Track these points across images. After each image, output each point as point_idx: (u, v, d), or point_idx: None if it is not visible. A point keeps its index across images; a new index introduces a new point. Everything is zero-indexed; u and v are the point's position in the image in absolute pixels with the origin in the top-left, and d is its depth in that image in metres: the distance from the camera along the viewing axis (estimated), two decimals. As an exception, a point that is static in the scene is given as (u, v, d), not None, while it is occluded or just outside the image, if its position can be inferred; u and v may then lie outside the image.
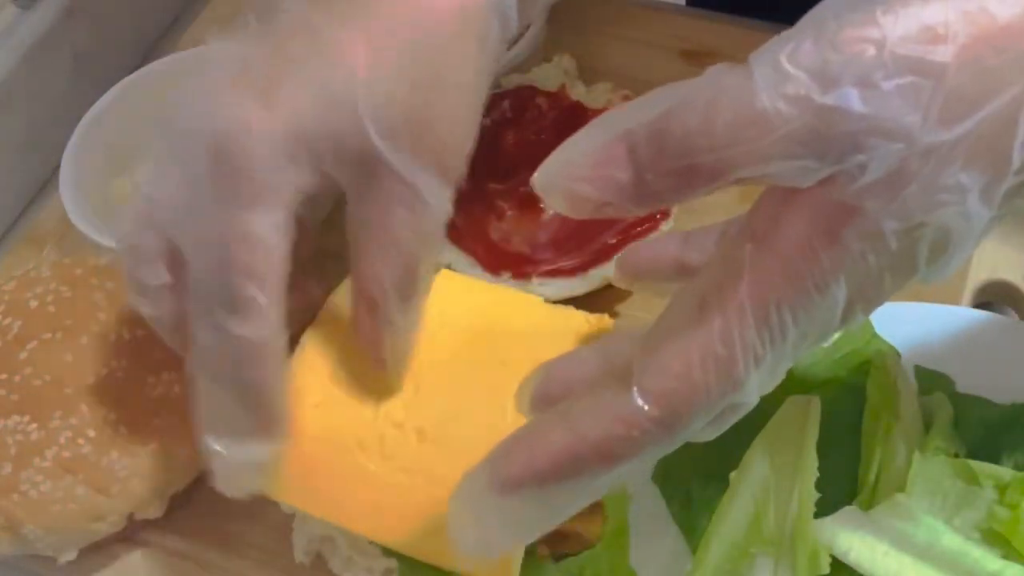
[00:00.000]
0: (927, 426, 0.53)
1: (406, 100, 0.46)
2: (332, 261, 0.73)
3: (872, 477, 0.52)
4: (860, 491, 0.53)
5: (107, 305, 0.63)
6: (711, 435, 0.39)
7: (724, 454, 0.54)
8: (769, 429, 0.53)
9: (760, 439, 0.52)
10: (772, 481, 0.51)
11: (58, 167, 0.75)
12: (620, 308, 0.67)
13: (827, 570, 0.49)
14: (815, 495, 0.50)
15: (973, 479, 0.51)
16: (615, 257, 0.54)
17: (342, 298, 0.58)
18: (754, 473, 0.52)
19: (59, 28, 0.83)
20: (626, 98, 0.71)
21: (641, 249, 0.51)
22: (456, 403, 0.53)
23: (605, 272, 0.65)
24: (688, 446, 0.38)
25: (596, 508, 0.53)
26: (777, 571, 0.50)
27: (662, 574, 0.55)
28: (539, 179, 0.35)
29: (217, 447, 0.47)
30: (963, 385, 0.56)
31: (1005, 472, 0.51)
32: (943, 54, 0.32)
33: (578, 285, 0.66)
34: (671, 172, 0.33)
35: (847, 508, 0.51)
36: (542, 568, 0.53)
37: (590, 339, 0.55)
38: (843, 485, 0.54)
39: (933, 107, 0.32)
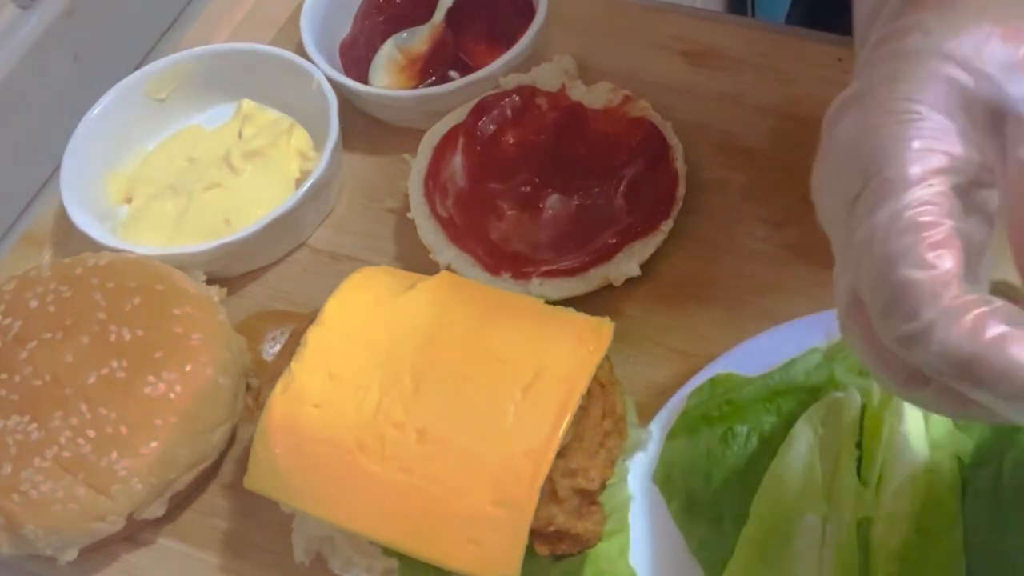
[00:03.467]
0: (929, 425, 0.53)
1: None
2: (332, 261, 0.74)
3: (874, 477, 0.52)
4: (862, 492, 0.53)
5: (107, 305, 0.63)
6: None
7: (723, 459, 0.55)
8: (813, 409, 0.54)
9: (804, 417, 0.54)
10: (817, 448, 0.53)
11: (58, 167, 0.75)
12: (620, 308, 0.67)
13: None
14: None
15: None
16: None
17: (342, 298, 0.58)
18: (800, 442, 0.53)
19: (59, 28, 0.83)
20: (626, 98, 0.71)
21: None
22: (456, 403, 0.53)
23: (605, 272, 0.65)
24: (687, 449, 0.38)
25: (596, 508, 0.53)
26: (825, 528, 0.51)
27: (662, 574, 0.55)
28: None
29: None
30: (964, 385, 0.56)
31: None
32: None
33: (578, 285, 0.66)
34: None
35: None
36: (542, 568, 0.53)
37: (590, 339, 0.55)
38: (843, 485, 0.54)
39: None
